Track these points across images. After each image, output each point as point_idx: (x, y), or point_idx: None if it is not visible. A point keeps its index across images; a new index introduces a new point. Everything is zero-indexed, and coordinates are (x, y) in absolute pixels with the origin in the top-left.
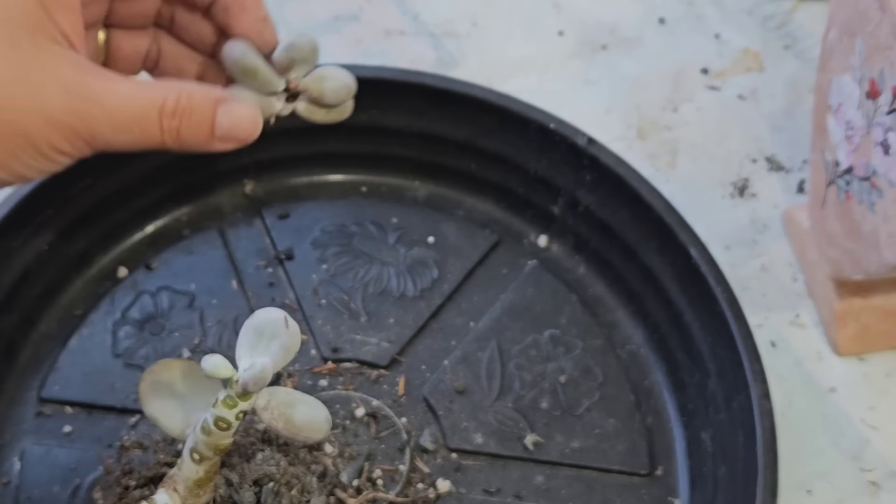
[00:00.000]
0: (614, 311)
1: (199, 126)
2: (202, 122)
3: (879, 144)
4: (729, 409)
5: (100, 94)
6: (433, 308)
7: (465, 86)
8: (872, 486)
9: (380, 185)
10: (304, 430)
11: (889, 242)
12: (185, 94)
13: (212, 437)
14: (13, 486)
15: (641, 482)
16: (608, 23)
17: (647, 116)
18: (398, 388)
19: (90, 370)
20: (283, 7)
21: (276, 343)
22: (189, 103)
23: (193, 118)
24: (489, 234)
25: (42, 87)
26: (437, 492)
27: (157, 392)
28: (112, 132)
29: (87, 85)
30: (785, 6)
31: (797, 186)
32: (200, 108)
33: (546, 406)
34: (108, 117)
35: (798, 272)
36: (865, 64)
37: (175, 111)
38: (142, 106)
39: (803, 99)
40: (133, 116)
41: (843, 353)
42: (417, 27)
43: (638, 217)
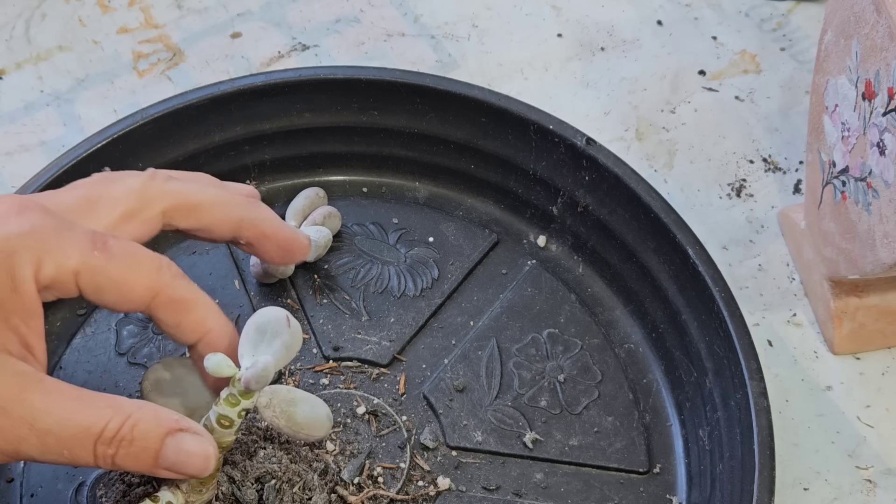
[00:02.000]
0: (613, 311)
1: (140, 456)
2: (143, 453)
3: (875, 145)
4: (726, 407)
5: (34, 413)
6: (433, 307)
7: (465, 87)
8: (868, 483)
9: (380, 185)
10: (306, 429)
11: (885, 242)
12: (131, 422)
13: (214, 434)
14: (17, 484)
15: (639, 479)
16: (606, 25)
17: (645, 117)
18: (399, 386)
19: (94, 368)
20: (285, 9)
21: (278, 342)
22: (132, 432)
23: (133, 448)
24: (489, 233)
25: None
26: (438, 489)
27: (160, 390)
28: (39, 454)
29: (23, 402)
30: (781, 8)
31: (793, 187)
32: (144, 439)
33: (545, 404)
34: (37, 439)
35: (794, 272)
36: (861, 65)
37: (113, 439)
38: (76, 430)
39: (800, 100)
40: (64, 440)
41: (839, 352)
42: (418, 29)
43: (636, 217)
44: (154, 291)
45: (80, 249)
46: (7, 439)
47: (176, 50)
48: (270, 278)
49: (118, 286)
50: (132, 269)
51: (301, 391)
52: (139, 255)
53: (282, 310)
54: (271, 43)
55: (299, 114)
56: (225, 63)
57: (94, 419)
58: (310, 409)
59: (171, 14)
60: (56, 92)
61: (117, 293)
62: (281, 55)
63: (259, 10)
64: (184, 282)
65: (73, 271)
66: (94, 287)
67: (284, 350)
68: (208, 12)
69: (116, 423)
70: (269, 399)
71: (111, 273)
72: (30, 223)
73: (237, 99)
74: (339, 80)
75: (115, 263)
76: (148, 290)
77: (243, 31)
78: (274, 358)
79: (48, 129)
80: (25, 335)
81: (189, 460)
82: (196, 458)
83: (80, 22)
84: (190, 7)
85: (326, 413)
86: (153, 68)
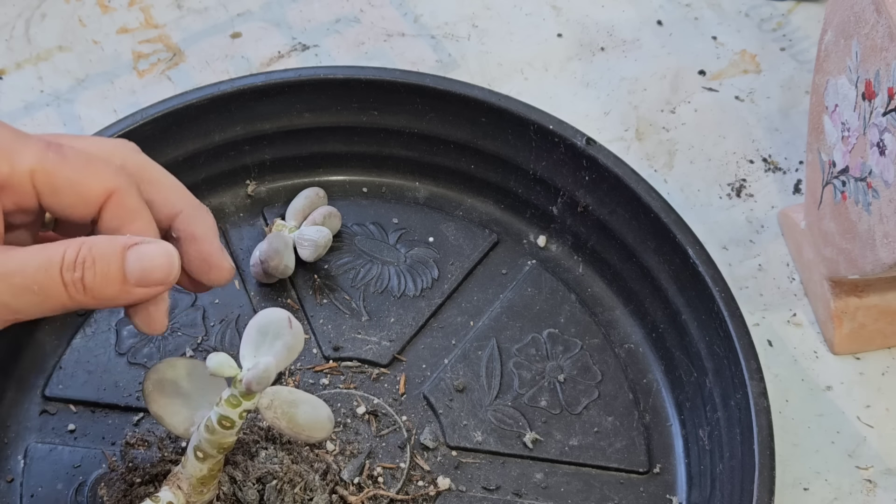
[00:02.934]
0: (613, 310)
1: (106, 275)
2: (109, 270)
3: (875, 145)
4: (726, 406)
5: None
6: (433, 307)
7: (465, 87)
8: (868, 483)
9: (380, 185)
10: (307, 430)
11: (884, 242)
12: (87, 245)
13: (215, 435)
14: (17, 484)
15: (640, 479)
16: (606, 25)
17: (645, 117)
18: (399, 386)
19: (94, 369)
20: (285, 9)
21: (279, 343)
22: (90, 252)
23: (98, 266)
24: (489, 233)
25: None
26: (438, 489)
27: (162, 390)
28: (11, 297)
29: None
30: (781, 8)
31: (793, 187)
32: (104, 255)
33: (545, 404)
34: (3, 282)
35: (794, 272)
36: (861, 66)
37: (75, 262)
38: (39, 264)
39: (799, 100)
40: (30, 275)
41: (839, 352)
42: (418, 29)
43: (636, 217)
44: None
45: (34, 151)
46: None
47: (176, 50)
48: (270, 278)
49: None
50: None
51: (302, 392)
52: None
53: (283, 311)
54: (271, 43)
55: (299, 114)
56: (225, 63)
57: (52, 252)
58: (311, 410)
59: (171, 14)
60: (56, 92)
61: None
62: (281, 55)
63: (259, 10)
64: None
65: (28, 171)
66: (49, 189)
67: (286, 351)
68: (208, 12)
69: (74, 249)
70: (271, 400)
71: (65, 172)
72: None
73: (237, 99)
74: (339, 80)
75: (69, 163)
76: (103, 190)
77: (243, 31)
78: (275, 359)
79: (48, 130)
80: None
81: (154, 264)
82: (159, 259)
83: (80, 22)
84: (190, 7)
85: (327, 414)
86: (153, 68)
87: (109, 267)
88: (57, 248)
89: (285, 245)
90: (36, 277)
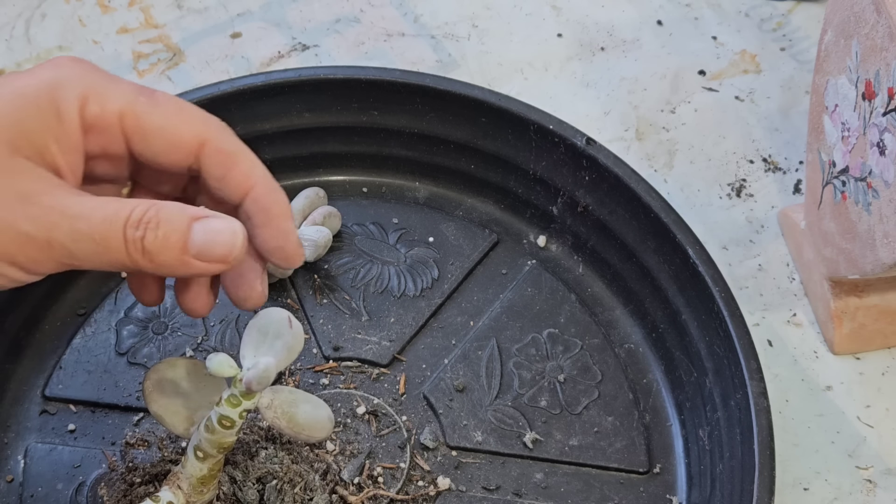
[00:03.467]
0: (613, 310)
1: (168, 239)
2: (171, 236)
3: (875, 145)
4: (726, 406)
5: (64, 202)
6: (433, 307)
7: (465, 87)
8: (868, 483)
9: (380, 185)
10: (307, 430)
11: (884, 242)
12: (156, 207)
13: (215, 435)
14: (17, 484)
15: (640, 479)
16: (606, 25)
17: (645, 117)
18: (399, 386)
19: (94, 369)
20: (285, 9)
21: (279, 343)
22: (157, 214)
23: (161, 230)
24: (489, 233)
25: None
26: (438, 489)
27: (162, 390)
28: (72, 240)
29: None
30: (781, 8)
31: (793, 187)
32: (169, 220)
33: (545, 404)
34: (67, 224)
35: (794, 272)
36: (861, 65)
37: (140, 221)
38: (106, 215)
39: (800, 100)
40: (95, 224)
41: (839, 352)
42: (418, 29)
43: (636, 217)
44: (201, 140)
45: (125, 94)
46: (39, 225)
47: (176, 50)
48: (270, 278)
49: (165, 132)
50: (179, 115)
51: (302, 392)
52: (185, 104)
53: (284, 311)
54: (271, 43)
55: (299, 114)
56: (225, 63)
57: (121, 206)
58: (311, 410)
59: (171, 14)
60: None
61: (164, 140)
62: (281, 55)
63: (259, 10)
64: (231, 135)
65: (118, 112)
66: (139, 132)
67: (286, 351)
68: (208, 12)
69: (143, 207)
70: (271, 400)
71: (157, 118)
72: (80, 68)
73: (237, 99)
74: (339, 80)
75: (160, 109)
76: (195, 138)
77: (243, 31)
78: (275, 359)
79: None
80: (61, 169)
81: (217, 238)
82: (224, 235)
83: (80, 22)
84: (190, 7)
85: (328, 414)
86: (153, 68)
87: (173, 233)
88: (126, 204)
89: None
90: (100, 227)
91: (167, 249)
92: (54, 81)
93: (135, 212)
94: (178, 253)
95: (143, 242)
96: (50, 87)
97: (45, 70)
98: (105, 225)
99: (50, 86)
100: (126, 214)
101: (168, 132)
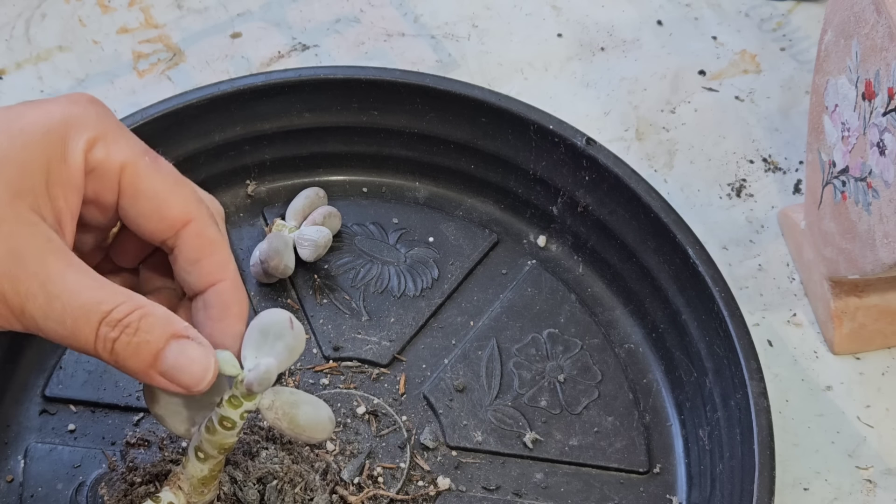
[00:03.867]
0: (613, 310)
1: (140, 349)
2: (144, 348)
3: (875, 145)
4: (726, 406)
5: (50, 274)
6: (433, 307)
7: (465, 87)
8: (868, 483)
9: (380, 185)
10: (308, 431)
11: (884, 242)
12: (141, 312)
13: (216, 436)
14: (17, 484)
15: (640, 479)
16: (606, 25)
17: (645, 117)
18: (399, 386)
19: (94, 368)
20: (285, 9)
21: (281, 344)
22: (139, 321)
23: (136, 338)
24: (489, 233)
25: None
26: (438, 489)
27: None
28: (43, 317)
29: (43, 261)
30: (781, 8)
31: (793, 187)
32: (148, 331)
33: (545, 404)
34: (44, 300)
35: (794, 272)
36: (861, 66)
37: (119, 322)
38: (85, 303)
39: (800, 100)
40: (71, 309)
41: (839, 352)
42: (418, 29)
43: (636, 217)
44: (188, 218)
45: (132, 149)
46: (17, 290)
47: (176, 50)
48: (270, 278)
49: (157, 198)
50: (175, 187)
51: (303, 393)
52: (184, 180)
53: (285, 312)
54: (271, 43)
55: (299, 114)
56: (225, 63)
57: (106, 298)
58: (312, 411)
59: (171, 14)
60: (56, 92)
61: (153, 205)
62: (281, 55)
63: (259, 10)
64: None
65: (120, 163)
66: (133, 190)
67: (287, 352)
68: (208, 12)
69: (127, 308)
70: (272, 401)
71: (155, 182)
72: (95, 111)
73: (237, 99)
74: (339, 80)
75: (161, 174)
76: (183, 214)
77: (243, 31)
78: (276, 360)
79: None
80: (61, 210)
81: (189, 366)
82: (196, 365)
83: (80, 22)
84: (190, 7)
85: (328, 415)
86: (153, 68)
87: (147, 345)
88: (112, 296)
89: (285, 245)
90: (75, 313)
91: (136, 358)
92: (68, 119)
93: (117, 310)
94: (145, 365)
95: (114, 344)
96: (61, 125)
97: (61, 106)
98: (80, 312)
99: (61, 123)
100: (107, 309)
101: (160, 199)
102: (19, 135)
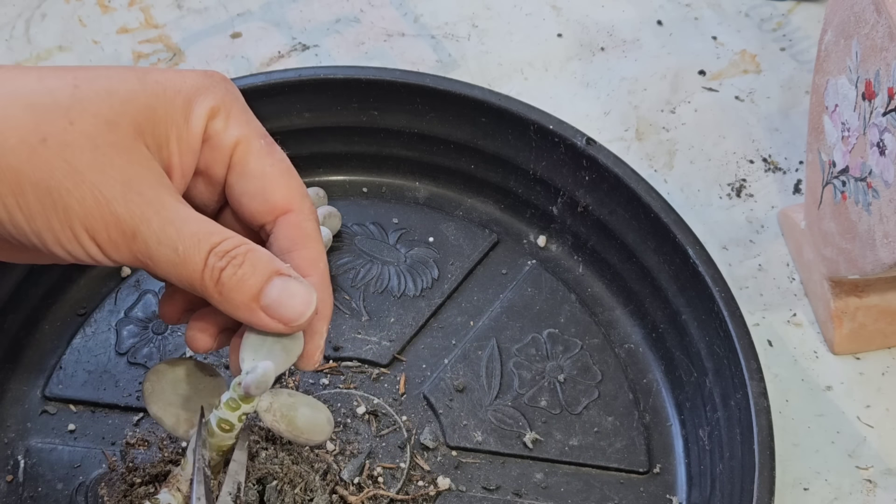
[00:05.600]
0: (613, 311)
1: (245, 281)
2: (249, 278)
3: (875, 145)
4: (726, 407)
5: (163, 201)
6: (433, 307)
7: (465, 87)
8: (868, 483)
9: (380, 185)
10: (306, 433)
11: (885, 242)
12: (247, 247)
13: (215, 438)
14: (17, 484)
15: (640, 479)
16: (606, 25)
17: (645, 117)
18: (399, 386)
19: (94, 369)
20: (285, 9)
21: (279, 346)
22: (246, 255)
23: (242, 270)
24: (489, 233)
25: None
26: (438, 489)
27: (162, 391)
28: (156, 241)
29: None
30: (781, 8)
31: (793, 187)
32: (254, 264)
33: (545, 404)
34: (158, 223)
35: (794, 272)
36: (861, 66)
37: (227, 254)
38: (197, 232)
39: (800, 100)
40: (183, 235)
41: (839, 352)
42: (418, 29)
43: (636, 217)
44: (289, 208)
45: (252, 129)
46: (132, 212)
47: (176, 50)
48: None
49: (264, 181)
50: (284, 176)
51: (302, 395)
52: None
53: None
54: (271, 43)
55: (299, 114)
56: (225, 63)
57: (216, 230)
58: (310, 413)
59: (171, 14)
60: None
61: (259, 186)
62: (281, 55)
63: (259, 10)
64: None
65: (236, 139)
66: (242, 167)
67: (285, 354)
68: (208, 12)
69: (235, 241)
70: (270, 403)
71: (264, 163)
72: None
73: None
74: (339, 80)
75: (272, 158)
76: (285, 203)
77: (243, 31)
78: (274, 363)
79: None
80: (175, 166)
81: (290, 301)
82: (298, 299)
83: (80, 22)
84: (190, 7)
85: (327, 417)
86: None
87: (253, 276)
88: (221, 231)
89: None
90: (187, 240)
91: (241, 290)
92: (199, 86)
93: (226, 242)
94: (249, 298)
95: (221, 273)
96: (192, 89)
97: (196, 75)
98: (192, 240)
99: (192, 88)
100: (216, 241)
101: (266, 181)
102: (154, 84)
